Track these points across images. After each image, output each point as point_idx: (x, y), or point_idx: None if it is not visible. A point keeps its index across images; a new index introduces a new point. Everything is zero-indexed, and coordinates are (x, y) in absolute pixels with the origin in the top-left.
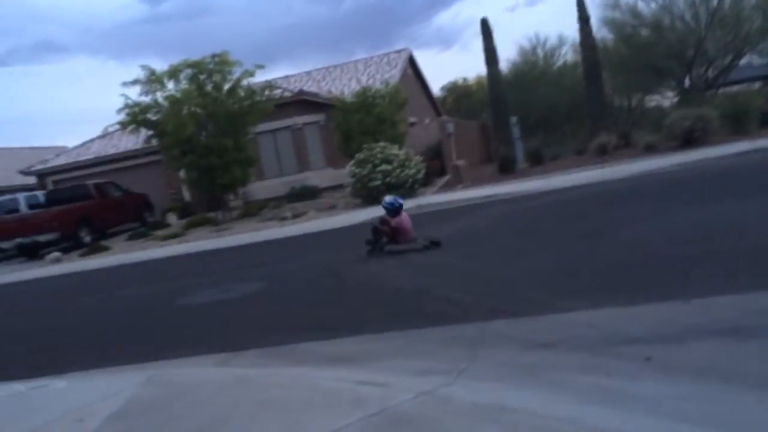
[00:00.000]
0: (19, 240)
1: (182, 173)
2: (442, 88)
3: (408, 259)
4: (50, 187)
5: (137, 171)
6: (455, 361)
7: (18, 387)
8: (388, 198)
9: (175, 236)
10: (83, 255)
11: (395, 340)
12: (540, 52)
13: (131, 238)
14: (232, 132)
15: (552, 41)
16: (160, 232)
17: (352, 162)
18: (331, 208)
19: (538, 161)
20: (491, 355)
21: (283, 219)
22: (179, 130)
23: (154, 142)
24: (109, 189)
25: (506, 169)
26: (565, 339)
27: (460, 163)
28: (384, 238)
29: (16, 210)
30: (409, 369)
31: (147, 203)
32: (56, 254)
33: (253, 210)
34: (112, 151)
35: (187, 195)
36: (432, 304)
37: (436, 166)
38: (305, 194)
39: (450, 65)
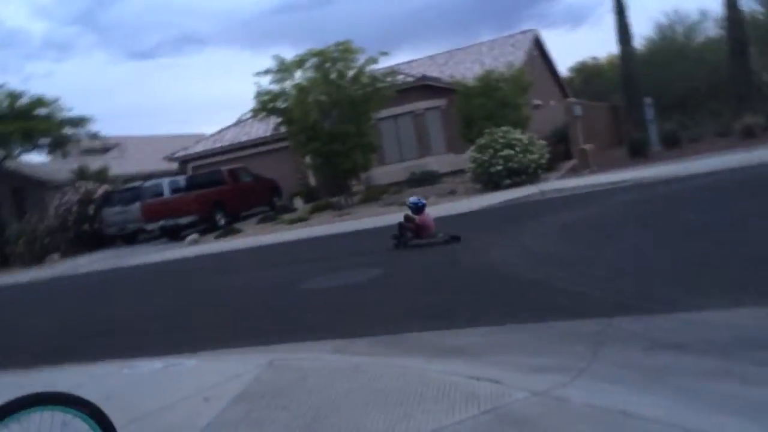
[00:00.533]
0: (162, 222)
1: (308, 159)
2: (571, 69)
3: (528, 249)
4: (190, 172)
5: (267, 157)
6: (574, 360)
7: (157, 365)
8: (412, 198)
9: (300, 220)
10: (218, 237)
11: (512, 333)
12: (679, 28)
13: (261, 221)
14: (354, 118)
15: (693, 16)
16: (287, 216)
17: (473, 147)
18: (452, 194)
19: (674, 144)
20: (613, 355)
21: (403, 204)
22: (304, 118)
23: (282, 129)
24: (241, 174)
25: (637, 153)
26: (695, 340)
27: (587, 147)
28: (409, 233)
29: (161, 194)
30: (524, 365)
31: (276, 188)
32: (194, 236)
33: (375, 195)
34: (244, 138)
35: (312, 180)
36: (552, 296)
37: (562, 150)
38: (425, 179)
39: (579, 44)
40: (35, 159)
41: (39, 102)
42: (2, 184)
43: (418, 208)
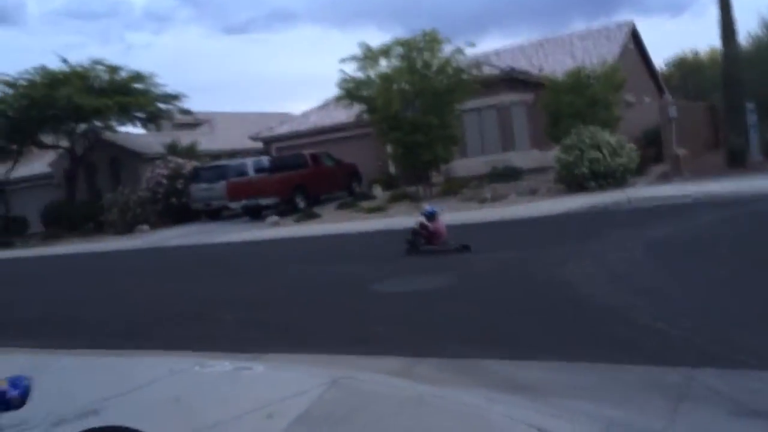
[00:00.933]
0: (245, 201)
1: (389, 147)
2: (668, 63)
3: (607, 268)
4: (274, 153)
5: (349, 142)
6: (650, 417)
7: (227, 366)
8: (427, 207)
9: (378, 209)
10: (297, 220)
11: (583, 374)
12: None
13: (340, 207)
14: (438, 110)
15: None
16: (365, 204)
17: (559, 147)
18: (533, 193)
19: None
20: (694, 416)
21: (483, 201)
22: (387, 107)
23: (365, 116)
24: (323, 158)
25: (735, 161)
26: None
27: (681, 152)
28: (422, 239)
29: (245, 174)
30: (594, 416)
31: (356, 174)
32: (275, 218)
33: (454, 188)
34: (327, 122)
35: (392, 168)
36: (631, 332)
37: (652, 154)
38: (507, 175)
39: (679, 35)
40: (133, 131)
41: (136, 77)
42: (101, 154)
43: (432, 216)
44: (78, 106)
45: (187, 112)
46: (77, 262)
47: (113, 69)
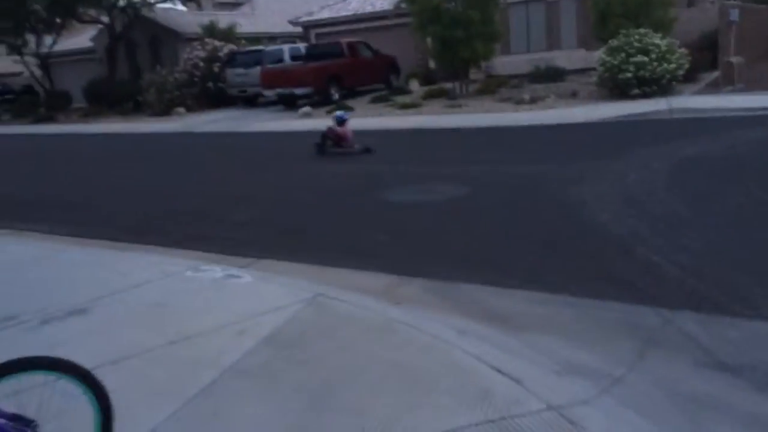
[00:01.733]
0: (279, 90)
1: (429, 41)
2: None
3: (626, 191)
4: (313, 39)
5: (389, 32)
6: (614, 362)
7: (218, 273)
8: (338, 112)
9: (411, 106)
10: (329, 112)
11: (563, 309)
12: None
13: (373, 101)
14: (481, 3)
15: None
16: (400, 98)
17: (604, 48)
18: (573, 96)
19: None
20: (657, 365)
21: (519, 102)
22: None
23: (404, 6)
24: (360, 49)
25: None
26: (758, 364)
27: (735, 60)
28: (329, 141)
29: (281, 60)
30: (558, 359)
31: (394, 66)
32: (307, 108)
33: (492, 87)
34: (368, 9)
35: (431, 62)
36: (626, 266)
37: (708, 59)
38: (549, 75)
39: None
40: (173, 9)
41: None
42: (140, 31)
43: (342, 121)
44: None
45: None
46: (110, 143)
47: None
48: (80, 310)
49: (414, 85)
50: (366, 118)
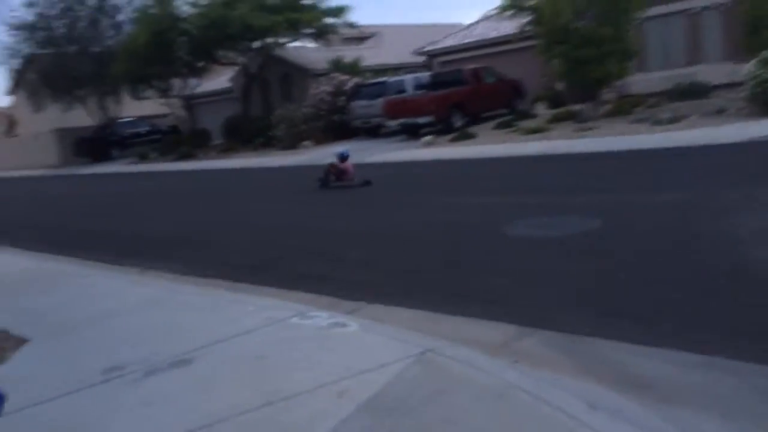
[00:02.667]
0: (401, 120)
1: (555, 62)
2: None
3: None
4: (437, 67)
5: (514, 55)
6: None
7: (324, 319)
8: (339, 149)
9: (537, 131)
10: (452, 140)
11: (721, 376)
12: None
13: (497, 126)
14: (614, 19)
15: None
16: (525, 123)
17: (755, 60)
18: (718, 113)
19: None
20: None
21: (657, 123)
22: (555, 17)
23: (529, 28)
24: (483, 74)
25: None
26: None
27: None
28: (332, 176)
29: (404, 91)
30: None
31: (519, 90)
32: (429, 138)
33: (626, 107)
34: (493, 34)
35: (558, 84)
36: None
37: None
38: (693, 92)
39: None
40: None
41: None
42: (273, 70)
43: (344, 158)
44: (250, 25)
45: (352, 25)
46: (239, 178)
47: None
48: (184, 361)
49: (540, 108)
50: (489, 145)
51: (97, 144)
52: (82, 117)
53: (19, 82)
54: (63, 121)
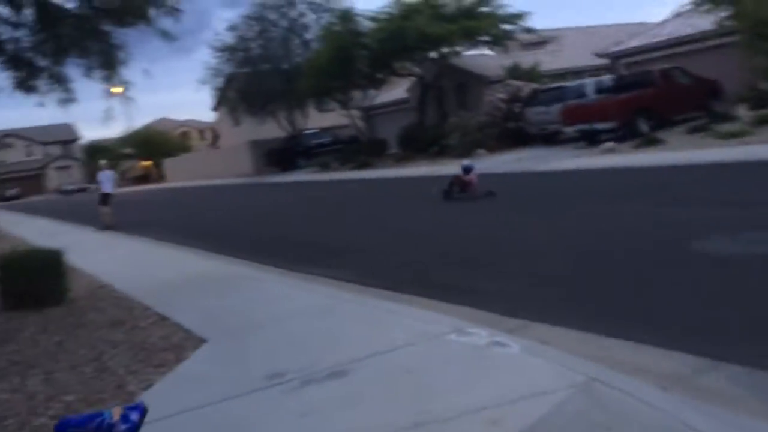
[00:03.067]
0: (579, 126)
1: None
2: None
3: None
4: (622, 70)
5: (708, 54)
6: None
7: (482, 338)
8: (465, 162)
9: (736, 135)
10: (636, 147)
11: None
12: None
13: (690, 131)
14: None
15: None
16: (722, 127)
17: None
18: None
19: None
20: None
21: None
22: (759, 10)
23: (729, 23)
24: (675, 75)
25: None
26: None
27: None
28: (457, 188)
29: (584, 95)
30: None
31: (716, 90)
32: (610, 144)
33: None
34: (686, 31)
35: (763, 83)
36: None
37: None
38: None
39: None
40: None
41: (482, 0)
42: (448, 79)
43: (468, 171)
44: (426, 35)
45: (530, 30)
46: (411, 186)
47: None
48: (339, 372)
49: (742, 110)
50: (678, 152)
51: (285, 154)
52: (273, 130)
53: (221, 100)
54: (257, 133)
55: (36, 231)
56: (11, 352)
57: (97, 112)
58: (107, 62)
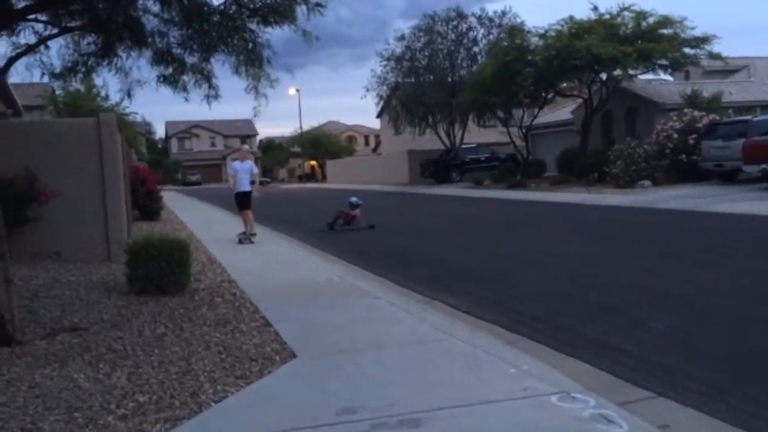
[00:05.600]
0: (765, 165)
1: None
2: None
3: None
4: None
5: None
6: None
7: (582, 409)
8: (353, 199)
9: None
10: None
11: None
12: None
13: None
14: None
15: None
16: None
17: None
18: None
19: None
20: None
21: None
22: None
23: None
24: None
25: None
26: None
27: None
28: (340, 220)
29: None
30: None
31: None
32: None
33: None
34: None
35: None
36: None
37: None
38: None
39: None
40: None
41: (664, 21)
42: (617, 103)
43: (354, 207)
44: (597, 56)
45: (717, 56)
46: (562, 212)
47: (640, 15)
48: (413, 421)
49: None
50: None
51: (440, 167)
52: (431, 141)
53: (384, 108)
54: (415, 144)
55: (200, 217)
56: (115, 339)
57: (273, 110)
58: (252, 60)
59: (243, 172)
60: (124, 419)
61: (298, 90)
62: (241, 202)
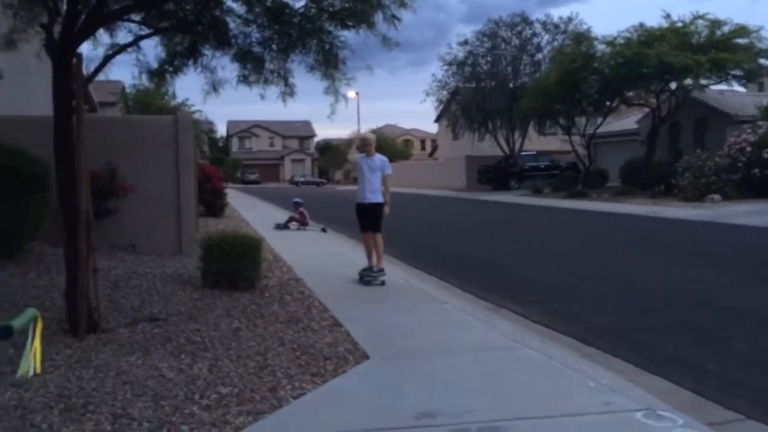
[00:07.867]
0: None
1: None
2: None
3: None
4: None
5: None
6: None
7: (670, 427)
8: (297, 199)
9: None
10: None
11: None
12: None
13: None
14: None
15: None
16: None
17: None
18: None
19: None
20: None
21: None
22: None
23: None
24: None
25: None
26: None
27: None
28: (294, 222)
29: None
30: None
31: None
32: None
33: None
34: None
35: None
36: None
37: None
38: None
39: None
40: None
41: (740, 31)
42: (686, 113)
43: (299, 205)
44: (667, 65)
45: None
46: (627, 224)
47: (715, 23)
48: (494, 429)
49: None
50: None
51: (498, 173)
52: (490, 147)
53: (443, 112)
54: (474, 149)
55: (261, 215)
56: (193, 331)
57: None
58: (329, 61)
59: (372, 171)
60: (207, 410)
61: (357, 93)
62: (368, 219)
